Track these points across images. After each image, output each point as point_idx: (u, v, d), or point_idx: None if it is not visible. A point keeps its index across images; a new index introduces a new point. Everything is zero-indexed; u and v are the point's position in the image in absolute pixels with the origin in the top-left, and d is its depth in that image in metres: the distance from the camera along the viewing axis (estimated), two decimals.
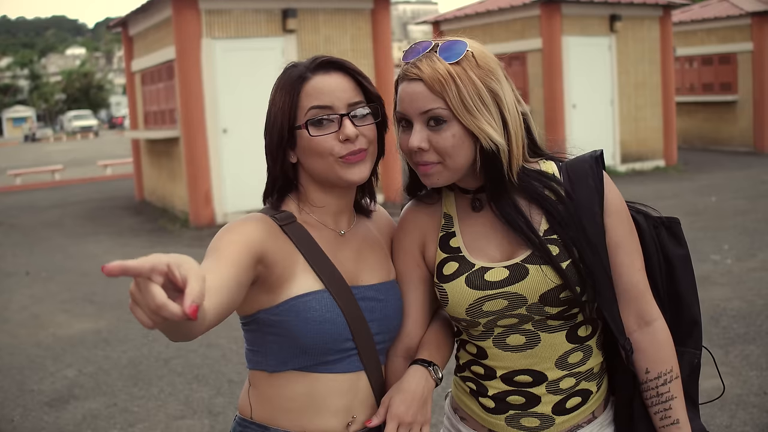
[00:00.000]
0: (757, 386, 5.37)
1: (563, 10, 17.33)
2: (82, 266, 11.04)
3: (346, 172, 1.92)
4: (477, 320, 1.95)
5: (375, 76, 14.72)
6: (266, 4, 14.08)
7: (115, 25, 18.67)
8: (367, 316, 1.96)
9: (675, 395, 1.97)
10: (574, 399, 1.99)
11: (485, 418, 2.04)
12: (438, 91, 1.84)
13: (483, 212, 2.01)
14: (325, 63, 1.96)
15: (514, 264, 1.92)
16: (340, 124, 1.91)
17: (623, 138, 18.39)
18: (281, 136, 1.93)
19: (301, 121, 1.91)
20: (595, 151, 2.06)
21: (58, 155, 38.14)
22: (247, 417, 1.99)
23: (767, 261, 8.92)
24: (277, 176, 1.98)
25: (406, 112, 1.90)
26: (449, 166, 1.90)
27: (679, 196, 14.42)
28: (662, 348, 1.98)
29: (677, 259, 2.11)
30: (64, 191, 21.19)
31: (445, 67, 1.85)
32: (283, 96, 1.93)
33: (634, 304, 1.99)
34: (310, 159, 1.93)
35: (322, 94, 1.91)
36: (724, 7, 22.75)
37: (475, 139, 1.88)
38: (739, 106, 22.43)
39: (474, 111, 1.85)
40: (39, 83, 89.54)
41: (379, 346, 2.01)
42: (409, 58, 1.91)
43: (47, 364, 6.80)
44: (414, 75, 1.88)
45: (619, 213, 2.00)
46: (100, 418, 5.57)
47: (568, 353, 1.97)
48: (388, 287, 2.03)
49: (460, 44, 1.88)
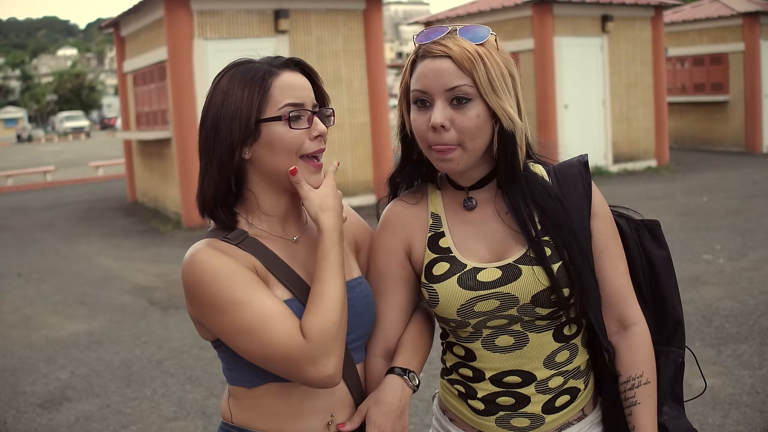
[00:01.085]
0: (749, 386, 5.38)
1: (555, 11, 17.35)
2: (74, 267, 11.01)
3: (310, 177, 1.91)
4: (467, 321, 1.94)
5: (367, 76, 14.74)
6: (258, 5, 14.07)
7: (107, 25, 18.65)
8: None
9: (639, 401, 1.97)
10: (563, 397, 2.00)
11: (475, 420, 2.03)
12: (467, 68, 1.85)
13: (474, 212, 2.01)
14: (289, 61, 1.95)
15: (507, 264, 1.92)
16: (310, 121, 1.90)
17: (615, 138, 18.42)
18: (245, 129, 1.87)
19: (271, 114, 1.87)
20: (582, 156, 2.07)
21: (49, 156, 38.04)
22: (228, 421, 2.00)
23: (759, 261, 8.94)
24: (227, 178, 1.91)
25: (428, 89, 1.88)
26: (468, 148, 1.89)
27: (671, 196, 14.44)
28: (636, 352, 1.99)
29: (659, 261, 2.11)
30: (55, 192, 21.14)
31: (473, 47, 1.86)
32: (248, 89, 1.88)
33: (616, 307, 2.01)
34: (273, 155, 1.89)
35: (295, 90, 1.90)
36: (715, 8, 22.80)
37: (494, 123, 1.89)
38: (730, 106, 22.47)
39: (499, 91, 1.87)
40: (30, 84, 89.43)
41: (351, 345, 1.99)
42: (428, 39, 1.91)
43: (40, 365, 6.79)
44: (440, 52, 1.87)
45: (605, 217, 2.02)
46: (93, 419, 5.56)
47: (556, 352, 1.98)
48: (353, 285, 2.00)
49: (482, 28, 1.90)
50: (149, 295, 9.14)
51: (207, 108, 1.93)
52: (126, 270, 10.65)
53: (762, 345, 6.14)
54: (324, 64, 14.32)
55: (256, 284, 1.82)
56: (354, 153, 14.77)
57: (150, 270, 10.55)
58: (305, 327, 1.78)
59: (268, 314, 1.78)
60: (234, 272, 1.82)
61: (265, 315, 1.78)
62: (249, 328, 1.78)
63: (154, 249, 12.10)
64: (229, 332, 1.82)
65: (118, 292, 9.35)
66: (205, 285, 1.82)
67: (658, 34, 18.97)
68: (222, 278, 1.81)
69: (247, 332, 1.78)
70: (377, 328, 2.07)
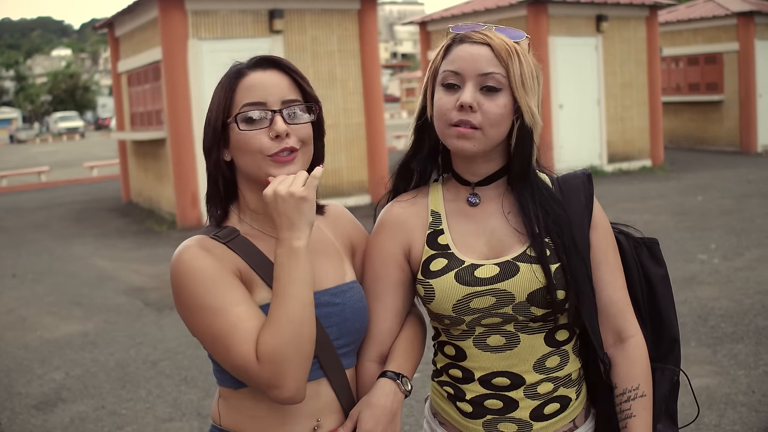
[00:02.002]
0: (745, 385, 5.38)
1: (550, 11, 17.36)
2: (68, 268, 10.99)
3: (274, 171, 1.87)
4: (462, 317, 1.94)
5: (362, 76, 14.73)
6: (253, 5, 14.06)
7: (101, 26, 18.60)
8: (324, 322, 1.92)
9: (635, 414, 1.97)
10: (552, 405, 1.98)
11: (463, 423, 2.03)
12: (504, 58, 1.90)
13: (477, 208, 2.01)
14: (263, 60, 1.94)
15: (505, 261, 1.93)
16: (271, 120, 1.88)
17: (610, 138, 18.43)
18: (215, 131, 1.91)
19: (233, 116, 1.89)
20: (585, 169, 2.11)
21: (44, 157, 37.99)
22: (217, 424, 2.00)
23: (754, 260, 8.95)
24: (216, 177, 1.95)
25: (462, 71, 1.92)
26: (488, 134, 1.91)
27: (666, 195, 14.45)
28: (633, 365, 1.99)
29: (657, 278, 2.13)
30: (50, 193, 21.10)
31: (511, 42, 1.93)
32: (219, 92, 1.92)
33: (614, 320, 2.02)
34: (241, 156, 1.89)
35: (256, 90, 1.89)
36: (709, 8, 22.83)
37: (515, 119, 1.93)
38: (725, 105, 22.51)
39: (528, 88, 1.92)
40: (25, 85, 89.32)
41: (341, 350, 1.97)
42: (464, 29, 1.97)
43: (34, 366, 6.77)
44: (480, 39, 1.93)
45: (605, 230, 2.05)
46: (87, 420, 5.55)
47: (546, 356, 1.97)
48: (344, 290, 1.98)
49: (518, 31, 1.97)
50: (144, 295, 9.12)
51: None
52: (121, 270, 10.63)
53: (758, 344, 6.14)
54: (319, 64, 14.32)
55: (234, 290, 1.81)
56: (349, 153, 14.76)
57: (145, 270, 10.54)
58: (259, 350, 1.74)
59: (232, 328, 1.76)
60: (214, 276, 1.81)
61: (229, 328, 1.76)
62: (217, 337, 1.78)
63: (149, 249, 12.08)
64: (200, 336, 1.83)
65: (112, 293, 9.34)
66: (184, 286, 1.83)
67: (652, 33, 18.99)
68: (202, 282, 1.81)
69: (215, 340, 1.79)
70: (372, 332, 2.06)
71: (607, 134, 18.39)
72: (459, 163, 2.03)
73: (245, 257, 1.89)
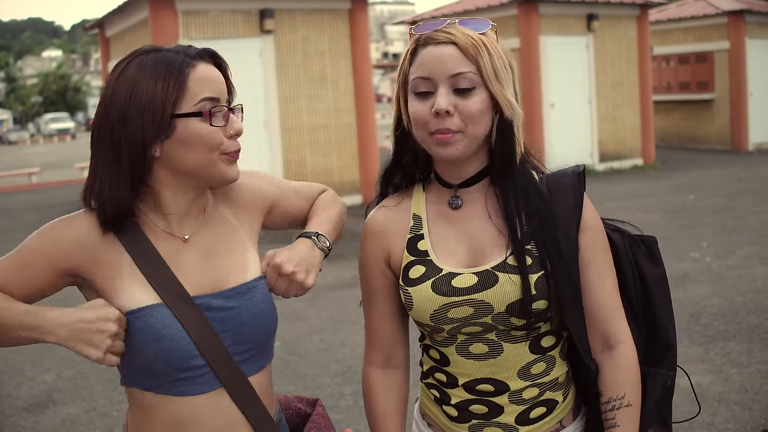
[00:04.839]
0: (738, 383, 5.38)
1: (540, 10, 17.37)
2: None
3: (228, 169, 1.82)
4: (441, 326, 1.90)
5: (353, 75, 14.70)
6: (243, 5, 14.02)
7: (92, 26, 18.56)
8: (217, 327, 1.80)
9: (618, 424, 1.90)
10: (538, 409, 1.94)
11: (450, 426, 1.99)
12: (472, 55, 1.82)
13: (459, 211, 1.95)
14: (203, 52, 1.82)
15: (484, 271, 1.87)
16: (227, 118, 1.80)
17: (601, 137, 18.46)
18: (158, 124, 1.72)
19: (188, 109, 1.75)
20: (578, 166, 2.00)
21: (34, 158, 37.89)
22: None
23: (746, 258, 8.97)
24: (133, 175, 1.77)
25: (432, 75, 1.84)
26: (470, 134, 1.84)
27: (657, 194, 14.48)
28: (620, 373, 1.92)
29: (652, 278, 2.03)
30: (41, 194, 21.03)
31: (476, 35, 1.85)
32: (161, 81, 1.73)
33: (601, 324, 1.94)
34: (189, 152, 1.76)
35: (213, 84, 1.79)
36: (700, 6, 22.87)
37: (494, 114, 1.87)
38: (716, 104, 22.56)
39: (502, 80, 1.85)
40: (15, 86, 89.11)
41: (240, 357, 1.83)
42: (427, 29, 1.89)
43: (25, 368, 6.74)
44: (444, 38, 1.85)
45: (595, 232, 1.95)
46: (79, 422, 5.52)
47: (531, 364, 1.92)
48: (242, 291, 1.85)
49: (483, 20, 1.89)
50: None
51: (110, 99, 1.77)
52: None
53: (750, 342, 6.15)
54: (310, 64, 14.28)
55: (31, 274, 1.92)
56: (340, 153, 14.73)
57: None
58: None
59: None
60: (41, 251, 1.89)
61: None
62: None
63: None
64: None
65: None
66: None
67: (643, 32, 19.03)
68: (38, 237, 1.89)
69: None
70: (373, 339, 2.04)
71: (598, 133, 18.41)
72: (440, 166, 1.97)
73: (133, 253, 1.81)
